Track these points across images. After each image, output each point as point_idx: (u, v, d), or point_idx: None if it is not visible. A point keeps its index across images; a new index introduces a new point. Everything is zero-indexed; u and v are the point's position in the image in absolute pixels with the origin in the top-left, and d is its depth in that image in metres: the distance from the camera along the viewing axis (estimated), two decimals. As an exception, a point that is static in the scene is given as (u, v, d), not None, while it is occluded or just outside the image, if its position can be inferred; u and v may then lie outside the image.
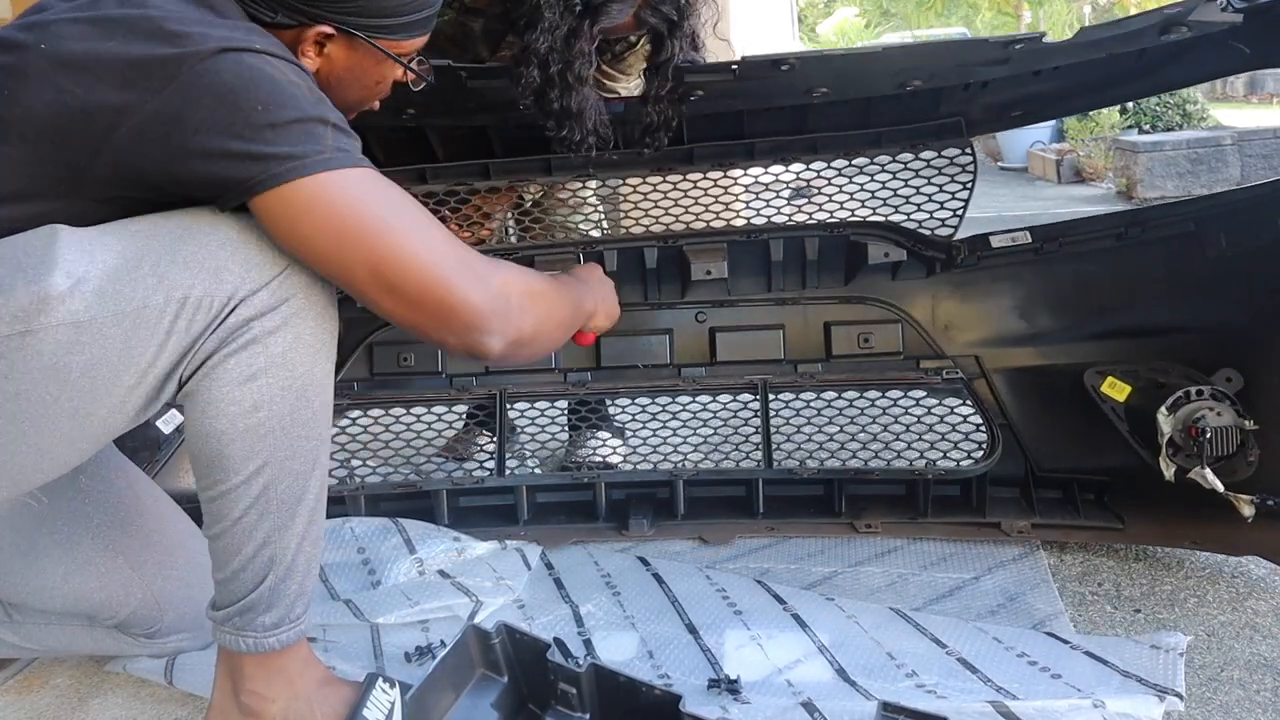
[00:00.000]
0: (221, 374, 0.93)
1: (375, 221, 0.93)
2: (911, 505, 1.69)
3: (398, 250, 0.93)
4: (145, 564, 1.21)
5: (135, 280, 0.90)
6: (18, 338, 0.86)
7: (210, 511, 0.99)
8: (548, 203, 1.83)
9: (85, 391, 0.90)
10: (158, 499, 1.27)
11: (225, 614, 1.02)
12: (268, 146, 0.90)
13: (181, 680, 1.26)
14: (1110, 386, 1.57)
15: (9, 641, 1.28)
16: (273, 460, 0.97)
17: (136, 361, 0.91)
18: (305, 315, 0.97)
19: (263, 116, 0.90)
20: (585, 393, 1.81)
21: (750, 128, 1.61)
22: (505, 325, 0.99)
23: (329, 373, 1.01)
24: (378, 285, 0.94)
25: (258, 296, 0.93)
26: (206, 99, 0.90)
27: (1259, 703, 1.18)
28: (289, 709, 1.04)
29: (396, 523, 1.65)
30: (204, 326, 0.92)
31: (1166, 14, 1.24)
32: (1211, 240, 1.50)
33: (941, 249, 1.68)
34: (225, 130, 0.90)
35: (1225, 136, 5.88)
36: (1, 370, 0.87)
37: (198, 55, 0.90)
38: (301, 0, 1.03)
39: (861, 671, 1.22)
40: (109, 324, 0.89)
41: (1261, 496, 1.41)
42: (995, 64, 1.39)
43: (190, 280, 0.91)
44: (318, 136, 0.92)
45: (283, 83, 0.93)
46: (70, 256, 0.89)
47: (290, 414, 0.97)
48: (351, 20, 1.05)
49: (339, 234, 0.92)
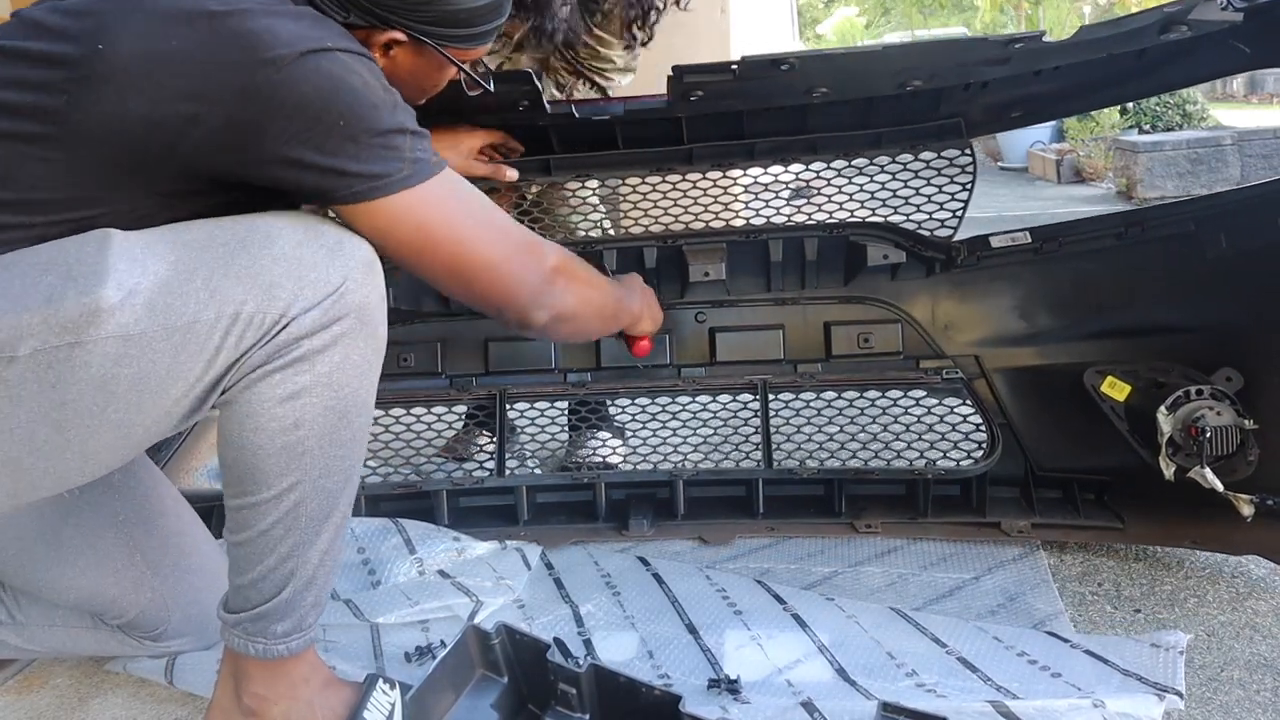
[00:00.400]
0: (264, 389, 0.92)
1: (451, 233, 1.00)
2: (911, 505, 1.69)
3: (471, 255, 1.02)
4: (161, 564, 1.21)
5: (187, 294, 0.88)
6: (66, 349, 0.85)
7: (236, 519, 0.98)
8: (547, 202, 1.83)
9: (131, 404, 0.89)
10: (177, 501, 1.27)
11: (238, 618, 1.02)
12: (350, 163, 0.91)
13: (182, 680, 1.26)
14: (1110, 386, 1.57)
15: (11, 643, 1.28)
16: (307, 478, 0.96)
17: (184, 376, 0.89)
18: (355, 335, 0.95)
19: (345, 130, 0.90)
20: (584, 393, 1.81)
21: (750, 128, 1.61)
22: (552, 301, 1.10)
23: (372, 393, 1.00)
24: (454, 281, 1.04)
25: (309, 315, 0.92)
26: (286, 109, 0.88)
27: (1259, 703, 1.18)
28: (290, 711, 1.04)
29: (396, 523, 1.65)
30: (253, 342, 0.91)
31: (1166, 13, 1.24)
32: (1211, 240, 1.50)
33: (941, 249, 1.68)
34: (306, 142, 0.90)
35: (1225, 136, 5.88)
36: (49, 380, 0.85)
37: (276, 62, 0.87)
38: (377, 5, 1.01)
39: (861, 671, 1.22)
40: (158, 338, 0.87)
41: (1261, 496, 1.41)
42: (996, 63, 1.39)
43: (243, 296, 0.90)
44: (398, 150, 0.94)
45: (363, 90, 0.92)
46: (122, 267, 0.87)
47: (330, 434, 0.95)
48: (424, 28, 1.04)
49: (419, 249, 1.00)
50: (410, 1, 1.02)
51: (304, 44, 0.89)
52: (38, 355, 0.84)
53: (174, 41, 0.87)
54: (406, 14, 1.02)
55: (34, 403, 0.86)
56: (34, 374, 0.85)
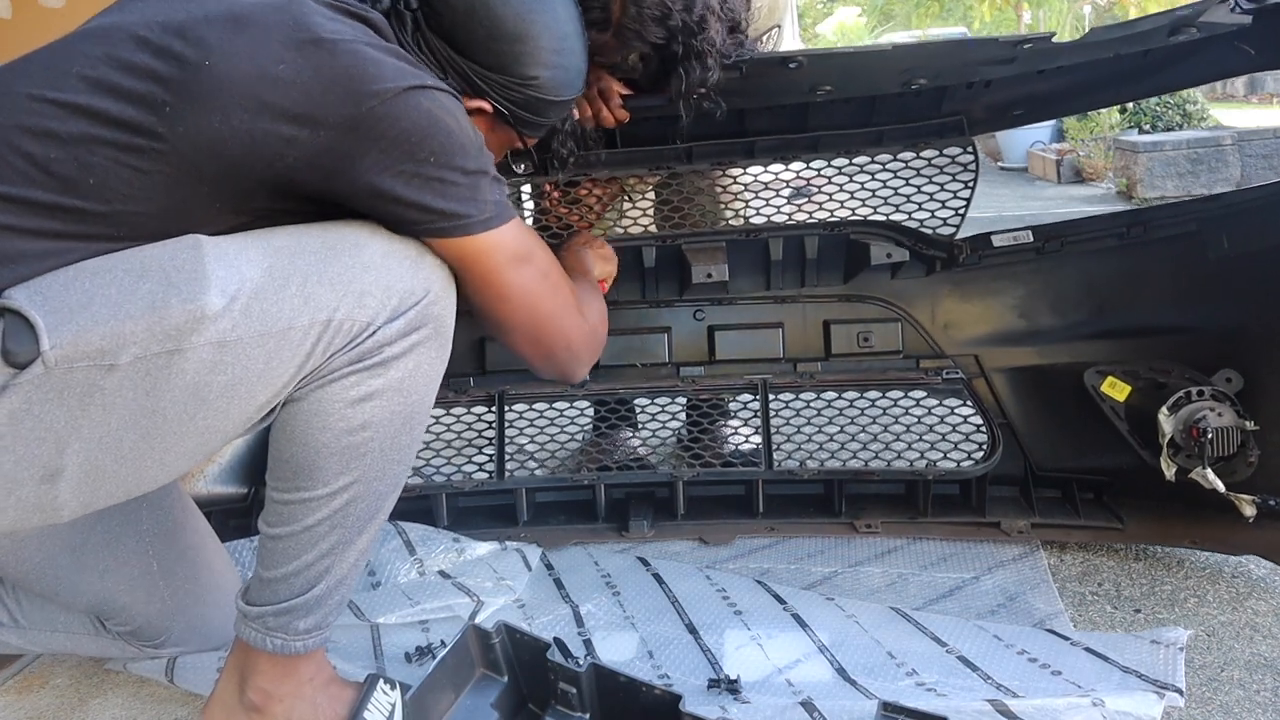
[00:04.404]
0: (337, 389, 0.93)
1: (519, 282, 1.03)
2: (911, 505, 1.69)
3: (534, 307, 1.06)
4: (174, 577, 1.21)
5: (282, 300, 0.88)
6: (166, 356, 0.84)
7: (280, 512, 0.98)
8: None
9: (220, 410, 0.89)
10: (195, 514, 1.27)
11: (260, 611, 1.01)
12: (436, 200, 0.94)
13: (182, 679, 1.26)
14: (1110, 386, 1.56)
15: (12, 643, 1.29)
16: (363, 479, 0.97)
17: (274, 381, 0.90)
18: (429, 345, 0.97)
19: (434, 169, 0.93)
20: (584, 394, 1.80)
21: (751, 125, 1.61)
22: (592, 357, 1.18)
23: (433, 401, 1.02)
24: (510, 326, 1.07)
25: (394, 324, 0.93)
26: (385, 141, 0.90)
27: (1259, 703, 1.18)
28: (293, 709, 1.04)
29: (396, 525, 1.65)
30: (340, 347, 0.91)
31: (1176, 15, 1.24)
32: (1214, 241, 1.50)
33: (943, 248, 1.67)
34: (397, 175, 0.92)
35: (1225, 136, 5.87)
36: (145, 388, 0.85)
37: (380, 94, 0.89)
38: (476, 75, 1.08)
39: (861, 671, 1.22)
40: (254, 344, 0.87)
41: (1263, 497, 1.41)
42: (1002, 64, 1.39)
43: (335, 302, 0.90)
44: (480, 192, 0.97)
45: (456, 132, 0.95)
46: (221, 273, 0.86)
47: (393, 438, 0.97)
48: (511, 109, 1.11)
49: (485, 291, 1.03)
50: (509, 81, 1.08)
51: (407, 80, 0.92)
52: (138, 363, 0.84)
53: (283, 66, 0.88)
54: (501, 90, 1.09)
55: (127, 410, 0.85)
56: (132, 382, 0.84)
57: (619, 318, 1.78)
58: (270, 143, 0.89)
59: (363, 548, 1.01)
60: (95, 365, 0.83)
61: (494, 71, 1.07)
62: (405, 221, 0.95)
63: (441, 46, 1.06)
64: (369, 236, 0.95)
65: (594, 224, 1.74)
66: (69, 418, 0.84)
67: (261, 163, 0.90)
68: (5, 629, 1.27)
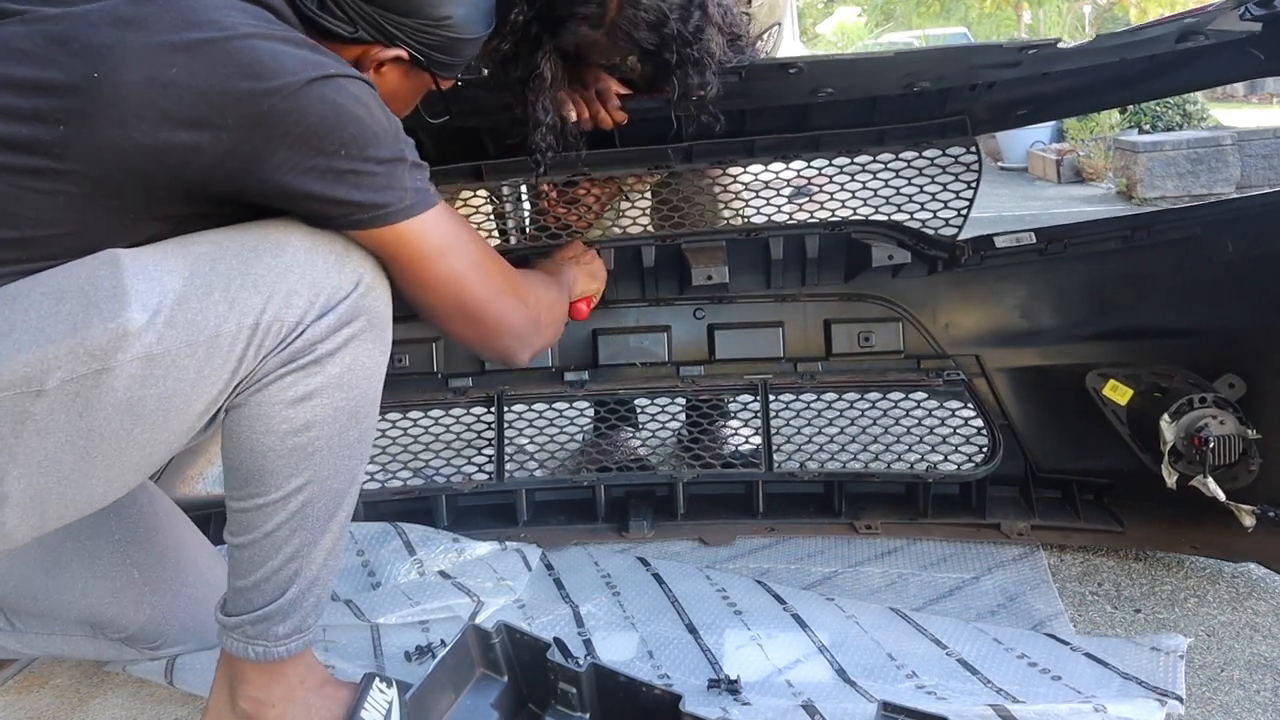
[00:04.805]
0: (275, 391, 0.92)
1: (447, 267, 1.01)
2: (911, 505, 1.69)
3: (463, 291, 1.03)
4: (159, 581, 1.21)
5: (206, 307, 0.87)
6: (93, 376, 0.84)
7: (240, 521, 0.98)
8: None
9: (158, 423, 0.89)
10: (171, 513, 1.27)
11: (237, 621, 1.01)
12: (352, 192, 0.92)
13: (181, 680, 1.26)
14: (1112, 390, 1.56)
15: (10, 647, 1.28)
16: (315, 479, 0.96)
17: (209, 389, 0.89)
18: (365, 338, 0.96)
19: (346, 162, 0.91)
20: (584, 394, 1.80)
21: (751, 125, 1.60)
22: (536, 340, 1.16)
23: (379, 393, 1.01)
24: (444, 313, 1.04)
25: (325, 320, 0.92)
26: (291, 137, 0.88)
27: (1259, 703, 1.18)
28: (286, 713, 1.04)
29: (396, 526, 1.64)
30: (271, 349, 0.91)
31: (1185, 23, 1.23)
32: (1218, 246, 1.49)
33: (945, 248, 1.67)
34: (308, 172, 0.90)
35: (1225, 136, 5.88)
36: (76, 409, 0.84)
37: (281, 90, 0.86)
38: (389, 22, 1.03)
39: (861, 672, 1.22)
40: (183, 354, 0.87)
41: (1263, 507, 1.41)
42: (1007, 68, 1.38)
43: (261, 304, 0.89)
44: (397, 180, 0.95)
45: (366, 120, 0.92)
46: (141, 287, 0.86)
47: (339, 434, 0.96)
48: (426, 52, 1.07)
49: (412, 279, 1.00)
50: (421, 24, 1.04)
51: (309, 72, 0.88)
52: (66, 386, 0.83)
53: (175, 70, 0.85)
54: (414, 35, 1.05)
55: (62, 433, 0.85)
56: (62, 405, 0.84)
57: (619, 317, 1.78)
58: (174, 151, 0.86)
59: (329, 547, 1.00)
60: (22, 393, 0.82)
61: (406, 16, 1.03)
62: (324, 217, 0.94)
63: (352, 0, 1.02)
64: (291, 235, 0.93)
65: (592, 224, 1.73)
66: (3, 445, 0.84)
67: (168, 173, 0.88)
68: (2, 634, 1.26)
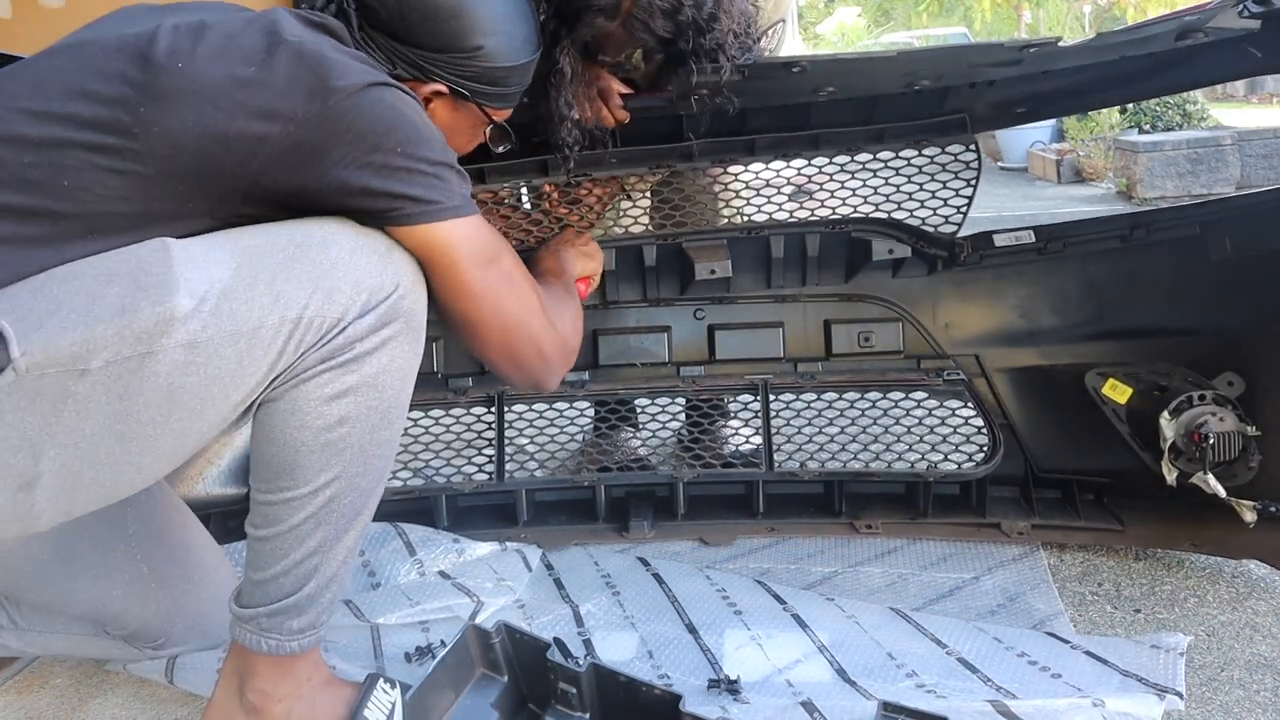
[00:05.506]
0: (312, 387, 0.93)
1: (488, 279, 1.03)
2: (911, 505, 1.69)
3: (506, 305, 1.05)
4: (167, 578, 1.21)
5: (251, 299, 0.89)
6: (137, 359, 0.85)
7: (265, 514, 0.98)
8: None
9: (194, 411, 0.89)
10: (182, 512, 1.27)
11: (252, 613, 1.01)
12: (403, 186, 0.95)
13: (182, 680, 1.26)
14: (1112, 389, 1.56)
15: (12, 645, 1.28)
16: (345, 475, 0.97)
17: (247, 380, 0.90)
18: (402, 339, 0.97)
19: (400, 160, 0.94)
20: (584, 394, 1.80)
21: (752, 123, 1.61)
22: (565, 365, 1.16)
23: (409, 397, 1.02)
24: (486, 336, 1.06)
25: (365, 320, 0.94)
26: (350, 135, 0.92)
27: (1259, 703, 1.18)
28: (292, 709, 1.04)
29: (396, 527, 1.64)
30: (310, 345, 0.92)
31: (1185, 22, 1.23)
32: (1217, 244, 1.49)
33: (945, 246, 1.67)
34: (364, 167, 0.93)
35: (1225, 136, 5.87)
36: (117, 392, 0.85)
37: (346, 89, 0.92)
38: (423, 59, 1.09)
39: (861, 671, 1.22)
40: (225, 344, 0.88)
41: (1264, 502, 1.41)
42: (1008, 66, 1.38)
43: (304, 299, 0.91)
44: (446, 182, 0.99)
45: (420, 125, 0.97)
46: (190, 275, 0.87)
47: (371, 433, 0.97)
48: (465, 84, 1.12)
49: (461, 289, 1.02)
50: (454, 58, 1.09)
51: (370, 77, 0.94)
52: (110, 367, 0.84)
53: (253, 68, 0.91)
54: (450, 69, 1.10)
55: (101, 415, 0.86)
56: (104, 386, 0.85)
57: (619, 317, 1.78)
58: (243, 140, 0.90)
59: (350, 545, 1.01)
60: (67, 371, 0.83)
61: (438, 51, 1.09)
62: (374, 211, 0.96)
63: (384, 40, 1.09)
64: (336, 233, 0.95)
65: (593, 224, 1.73)
66: (43, 424, 0.84)
67: (235, 160, 0.91)
68: (4, 631, 1.26)
